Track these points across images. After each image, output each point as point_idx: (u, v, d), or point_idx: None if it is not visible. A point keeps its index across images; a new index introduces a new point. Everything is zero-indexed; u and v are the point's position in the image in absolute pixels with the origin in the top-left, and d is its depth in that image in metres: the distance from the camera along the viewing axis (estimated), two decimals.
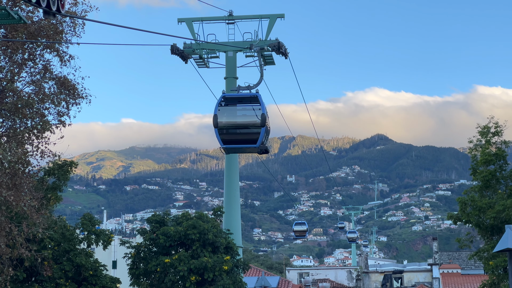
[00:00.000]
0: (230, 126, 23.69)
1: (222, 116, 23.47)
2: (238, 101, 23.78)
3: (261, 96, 23.34)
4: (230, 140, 23.75)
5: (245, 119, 23.63)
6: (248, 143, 23.74)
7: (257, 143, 23.33)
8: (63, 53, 29.84)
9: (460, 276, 72.40)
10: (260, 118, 23.10)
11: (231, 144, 23.86)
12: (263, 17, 42.44)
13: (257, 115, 23.14)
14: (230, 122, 23.67)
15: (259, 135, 23.22)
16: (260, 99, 23.31)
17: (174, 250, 38.22)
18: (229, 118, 23.62)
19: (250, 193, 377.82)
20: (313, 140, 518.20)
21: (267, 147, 24.53)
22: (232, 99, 23.81)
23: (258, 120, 23.13)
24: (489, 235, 38.55)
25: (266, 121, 23.17)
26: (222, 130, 23.54)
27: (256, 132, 23.29)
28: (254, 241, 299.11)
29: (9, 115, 28.65)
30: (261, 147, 23.65)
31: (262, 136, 23.26)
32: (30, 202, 27.73)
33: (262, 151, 24.32)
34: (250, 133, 23.55)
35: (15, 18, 15.56)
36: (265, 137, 23.63)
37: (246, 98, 23.61)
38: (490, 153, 39.00)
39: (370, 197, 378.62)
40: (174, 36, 21.25)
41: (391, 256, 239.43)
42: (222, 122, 23.46)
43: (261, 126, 23.12)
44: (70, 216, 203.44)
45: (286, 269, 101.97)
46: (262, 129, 23.18)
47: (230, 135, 23.73)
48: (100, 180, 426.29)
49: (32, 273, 34.42)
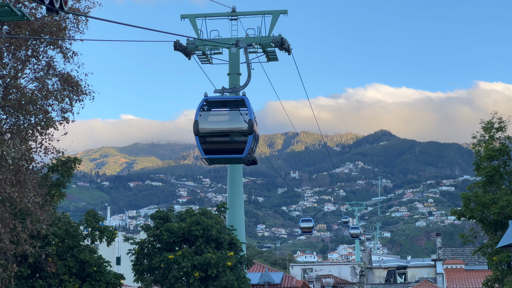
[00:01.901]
0: (213, 134, 21.22)
1: (204, 122, 21.04)
2: (222, 105, 21.38)
3: (248, 99, 21.02)
4: (213, 149, 21.26)
5: (230, 126, 21.17)
6: (234, 153, 21.18)
7: (244, 153, 20.84)
8: (66, 49, 29.87)
9: (463, 272, 72.42)
10: (247, 125, 20.65)
11: (214, 154, 21.22)
12: (266, 13, 42.43)
13: (244, 120, 20.74)
14: (213, 129, 21.20)
15: (246, 144, 20.79)
16: (247, 103, 20.92)
17: (178, 246, 38.28)
18: (212, 125, 21.19)
19: (254, 189, 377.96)
20: (317, 136, 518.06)
21: (255, 158, 21.97)
22: (215, 103, 21.30)
23: (245, 127, 20.69)
24: (492, 231, 38.56)
25: (254, 128, 20.79)
26: (204, 138, 21.09)
27: (243, 141, 20.84)
28: (258, 237, 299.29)
29: (12, 112, 28.69)
30: (248, 157, 21.12)
31: (249, 145, 20.81)
32: (34, 199, 27.78)
33: (250, 162, 21.83)
34: (235, 142, 21.10)
35: (18, 14, 15.58)
36: (253, 146, 21.24)
37: (232, 101, 21.25)
38: (493, 149, 39.00)
39: (373, 193, 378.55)
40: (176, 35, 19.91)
41: (395, 251, 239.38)
42: (204, 129, 21.00)
43: (248, 134, 20.69)
44: (74, 212, 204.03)
45: (290, 265, 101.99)
46: (249, 137, 20.72)
47: (213, 144, 21.28)
48: (104, 176, 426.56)
49: (36, 269, 34.49)
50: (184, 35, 21.13)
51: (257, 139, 21.60)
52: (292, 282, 56.65)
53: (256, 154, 22.58)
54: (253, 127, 20.61)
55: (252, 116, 20.70)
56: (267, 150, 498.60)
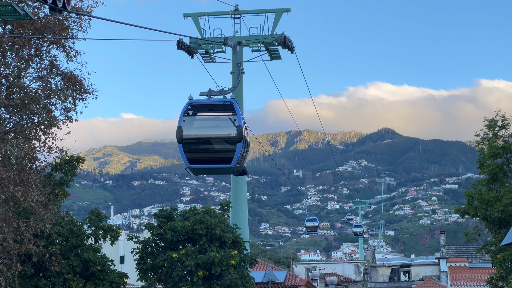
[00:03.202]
0: (199, 141, 19.50)
1: (189, 128, 19.32)
2: (208, 110, 19.63)
3: (237, 103, 19.42)
4: (199, 158, 19.47)
5: (217, 132, 19.46)
6: (221, 162, 19.38)
7: (232, 162, 19.06)
8: (69, 48, 29.92)
9: (467, 270, 72.37)
10: (236, 131, 18.94)
11: (199, 163, 19.43)
12: (269, 12, 42.43)
13: (232, 126, 19.03)
14: (199, 135, 19.49)
15: (234, 153, 19.03)
16: (236, 107, 19.22)
17: (182, 245, 38.29)
18: (197, 131, 19.50)
19: (257, 188, 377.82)
20: (320, 135, 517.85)
21: (245, 168, 19.99)
22: (201, 107, 19.54)
23: (233, 133, 18.98)
24: (496, 229, 38.56)
25: (243, 135, 19.03)
26: (189, 146, 19.31)
27: (231, 149, 19.10)
28: (261, 236, 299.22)
29: (16, 111, 28.72)
30: (237, 167, 19.30)
31: (238, 153, 19.02)
32: (38, 198, 27.82)
33: (239, 172, 19.76)
34: (223, 150, 19.36)
35: (21, 14, 15.57)
36: (242, 155, 19.45)
37: (219, 105, 19.43)
38: (497, 146, 39.00)
39: (377, 191, 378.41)
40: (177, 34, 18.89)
41: (399, 250, 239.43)
42: (189, 136, 19.24)
43: (237, 141, 18.94)
44: (77, 211, 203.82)
45: (294, 264, 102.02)
46: (238, 144, 18.95)
47: (199, 153, 19.52)
48: (107, 175, 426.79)
49: (40, 268, 34.52)
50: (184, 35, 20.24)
51: (248, 147, 20.05)
52: (296, 281, 56.61)
53: (259, 152, 21.96)
54: (242, 133, 18.95)
55: (242, 121, 19.07)
56: (270, 149, 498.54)
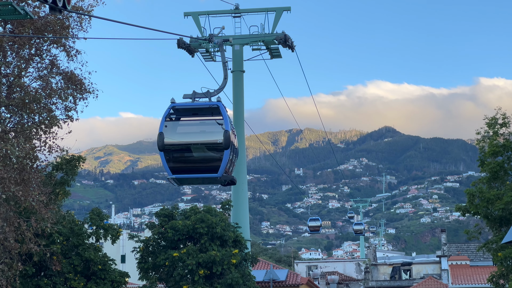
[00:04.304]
0: (182, 149, 17.96)
1: (171, 134, 17.89)
2: (192, 114, 18.09)
3: (224, 106, 17.87)
4: (182, 168, 17.92)
5: (202, 138, 17.93)
6: (207, 171, 17.83)
7: (219, 171, 17.59)
8: (69, 48, 29.94)
9: (468, 268, 72.33)
10: (222, 137, 17.41)
11: (183, 173, 17.89)
12: (269, 10, 42.43)
13: (219, 132, 17.51)
14: (182, 142, 17.96)
15: (221, 161, 17.56)
16: (223, 110, 17.67)
17: (183, 244, 38.30)
18: (181, 137, 18.01)
19: (258, 187, 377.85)
20: (320, 133, 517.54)
21: (233, 178, 18.73)
22: (184, 110, 18.00)
23: (220, 140, 17.46)
24: (497, 227, 38.55)
25: (231, 141, 17.52)
26: (171, 154, 17.83)
27: (217, 158, 17.62)
28: (263, 235, 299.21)
29: (16, 111, 28.74)
30: (224, 177, 17.91)
31: (225, 161, 17.58)
32: (39, 197, 27.83)
33: (227, 182, 18.40)
34: (209, 158, 17.84)
35: (21, 13, 15.57)
36: (230, 163, 18.07)
37: (204, 109, 17.88)
38: (498, 145, 38.98)
39: (378, 189, 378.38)
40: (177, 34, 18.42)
41: (400, 248, 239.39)
42: (171, 143, 17.83)
43: (224, 148, 17.44)
44: (78, 211, 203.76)
45: (295, 262, 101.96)
46: (225, 152, 17.47)
47: (182, 161, 17.99)
48: (108, 174, 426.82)
49: (41, 267, 34.54)
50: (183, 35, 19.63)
51: (237, 154, 18.77)
52: (297, 279, 56.63)
53: (260, 151, 21.28)
54: (230, 139, 17.45)
55: (229, 126, 17.55)
56: (271, 147, 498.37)
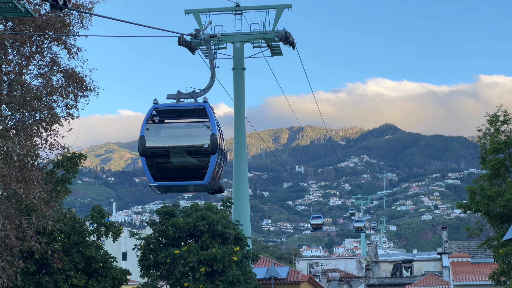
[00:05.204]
0: (165, 153, 16.57)
1: (153, 138, 16.57)
2: (177, 115, 16.80)
3: (211, 107, 16.55)
4: (165, 175, 16.60)
5: (186, 143, 16.60)
6: (192, 178, 16.45)
7: (205, 178, 16.20)
8: (70, 45, 29.93)
9: (470, 265, 72.29)
10: (209, 141, 16.11)
11: (166, 180, 16.57)
12: (270, 8, 42.44)
13: (206, 135, 16.20)
14: (165, 146, 16.60)
15: (207, 167, 16.18)
16: (209, 112, 16.34)
17: (184, 241, 38.32)
18: (163, 141, 16.65)
19: (259, 184, 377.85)
20: (321, 130, 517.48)
21: (221, 185, 17.19)
22: (168, 112, 16.73)
23: (206, 144, 16.16)
24: (498, 224, 38.54)
25: (218, 145, 16.20)
26: (153, 159, 16.50)
27: (203, 165, 16.24)
28: (264, 232, 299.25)
29: (17, 108, 28.73)
30: (211, 184, 16.48)
31: (212, 167, 16.19)
32: (40, 195, 27.82)
33: (214, 190, 16.91)
34: (194, 164, 16.51)
35: (22, 11, 15.57)
36: (218, 167, 16.69)
37: (189, 110, 16.60)
38: (499, 142, 38.97)
39: (379, 186, 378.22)
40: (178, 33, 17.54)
41: (401, 245, 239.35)
42: (153, 148, 16.51)
43: (211, 153, 16.11)
44: (79, 208, 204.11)
45: (296, 260, 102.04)
46: (212, 157, 16.12)
47: (165, 168, 16.60)
48: (109, 172, 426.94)
49: (42, 265, 34.57)
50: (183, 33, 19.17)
51: (225, 158, 17.36)
52: (298, 277, 56.65)
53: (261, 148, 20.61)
54: (217, 143, 16.12)
55: (216, 129, 16.23)
56: (272, 145, 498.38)
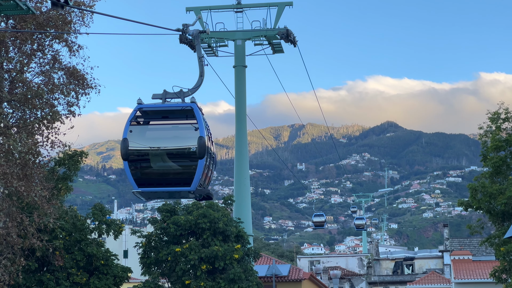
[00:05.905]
0: (149, 157, 15.44)
1: (137, 140, 15.40)
2: (162, 116, 15.65)
3: (199, 107, 15.46)
4: (149, 180, 15.61)
5: (172, 145, 15.50)
6: (178, 184, 15.39)
7: (192, 184, 15.12)
8: (72, 43, 29.92)
9: (471, 263, 72.31)
10: (196, 144, 15.01)
11: (150, 186, 15.58)
12: (271, 5, 42.45)
13: (193, 138, 15.09)
14: (149, 150, 15.46)
15: (195, 173, 15.12)
16: (197, 113, 15.22)
17: (185, 239, 38.33)
18: (147, 144, 15.47)
19: (261, 182, 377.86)
20: (323, 128, 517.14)
21: (210, 192, 16.25)
22: (153, 113, 15.57)
23: (193, 147, 15.09)
24: (500, 221, 38.54)
25: (206, 148, 15.12)
26: (137, 163, 15.46)
27: (189, 170, 15.19)
28: (265, 230, 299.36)
29: (19, 106, 28.75)
30: (199, 190, 15.43)
31: (200, 173, 15.14)
32: (41, 193, 27.83)
33: (202, 196, 15.88)
34: (181, 169, 15.46)
35: (23, 8, 15.60)
36: (206, 175, 15.68)
37: (176, 111, 15.48)
38: (500, 139, 38.95)
39: (380, 184, 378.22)
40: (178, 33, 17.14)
41: (402, 243, 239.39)
42: (136, 151, 15.40)
43: (198, 157, 15.00)
44: (80, 206, 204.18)
45: (297, 257, 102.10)
46: (199, 161, 15.01)
47: (149, 173, 15.58)
48: (111, 170, 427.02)
49: (43, 263, 34.59)
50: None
51: (215, 163, 16.24)
52: (300, 274, 56.64)
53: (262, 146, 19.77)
54: (205, 147, 15.01)
55: (204, 131, 15.11)
56: (273, 142, 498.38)
